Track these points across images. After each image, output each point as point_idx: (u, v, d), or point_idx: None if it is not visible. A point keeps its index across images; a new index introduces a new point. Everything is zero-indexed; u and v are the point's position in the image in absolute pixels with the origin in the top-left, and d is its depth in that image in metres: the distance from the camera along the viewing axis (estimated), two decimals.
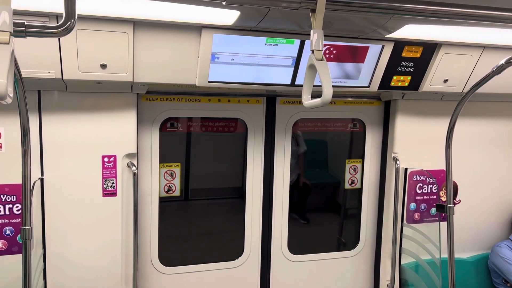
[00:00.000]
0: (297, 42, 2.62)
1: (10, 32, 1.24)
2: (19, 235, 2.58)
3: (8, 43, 1.22)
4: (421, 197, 3.55)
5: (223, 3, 1.62)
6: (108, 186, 2.79)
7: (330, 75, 1.50)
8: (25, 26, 1.39)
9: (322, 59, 1.51)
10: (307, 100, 1.65)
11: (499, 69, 2.27)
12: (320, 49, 1.52)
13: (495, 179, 3.83)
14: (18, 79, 1.66)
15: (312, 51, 1.53)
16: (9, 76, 1.19)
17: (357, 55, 2.80)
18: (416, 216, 3.56)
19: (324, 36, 1.57)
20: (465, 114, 3.43)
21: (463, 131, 3.47)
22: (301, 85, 1.69)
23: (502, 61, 2.25)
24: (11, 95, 1.24)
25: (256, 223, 3.41)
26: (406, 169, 3.46)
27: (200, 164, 3.44)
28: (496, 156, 3.80)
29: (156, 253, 3.16)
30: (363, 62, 2.85)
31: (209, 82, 2.64)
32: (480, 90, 2.50)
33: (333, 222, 4.00)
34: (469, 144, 3.65)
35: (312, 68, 1.57)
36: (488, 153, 3.76)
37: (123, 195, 2.83)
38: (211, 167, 3.50)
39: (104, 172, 2.77)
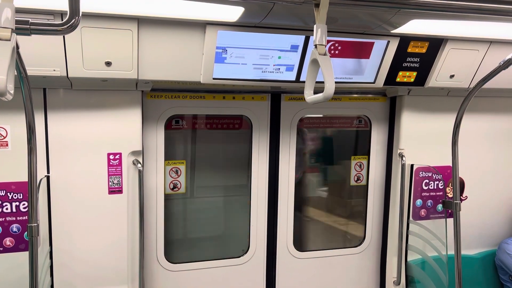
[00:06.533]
0: (301, 38, 2.61)
1: (12, 29, 1.24)
2: (26, 232, 2.60)
3: (9, 40, 1.22)
4: (427, 194, 3.53)
5: None
6: (113, 183, 2.80)
7: (332, 70, 1.49)
8: (29, 24, 1.39)
9: (325, 54, 1.50)
10: (309, 95, 1.64)
11: (506, 64, 2.26)
12: (323, 43, 1.52)
13: (502, 175, 3.79)
14: (23, 77, 1.66)
15: (315, 45, 1.52)
16: (10, 73, 1.19)
17: (362, 51, 2.78)
18: (422, 212, 3.54)
19: (329, 32, 1.57)
20: (472, 110, 3.39)
21: (469, 127, 3.44)
22: None
23: (509, 56, 2.24)
24: (12, 91, 1.24)
25: (262, 220, 3.41)
26: (412, 166, 3.43)
27: (205, 161, 3.45)
28: (503, 152, 3.76)
29: (162, 250, 3.16)
30: (368, 58, 2.83)
31: (213, 79, 2.64)
32: (487, 85, 2.49)
33: (339, 219, 3.99)
34: (476, 140, 3.62)
35: (314, 62, 1.56)
36: (495, 149, 3.73)
37: (128, 192, 2.84)
38: (216, 165, 3.50)
39: (109, 169, 2.78)
